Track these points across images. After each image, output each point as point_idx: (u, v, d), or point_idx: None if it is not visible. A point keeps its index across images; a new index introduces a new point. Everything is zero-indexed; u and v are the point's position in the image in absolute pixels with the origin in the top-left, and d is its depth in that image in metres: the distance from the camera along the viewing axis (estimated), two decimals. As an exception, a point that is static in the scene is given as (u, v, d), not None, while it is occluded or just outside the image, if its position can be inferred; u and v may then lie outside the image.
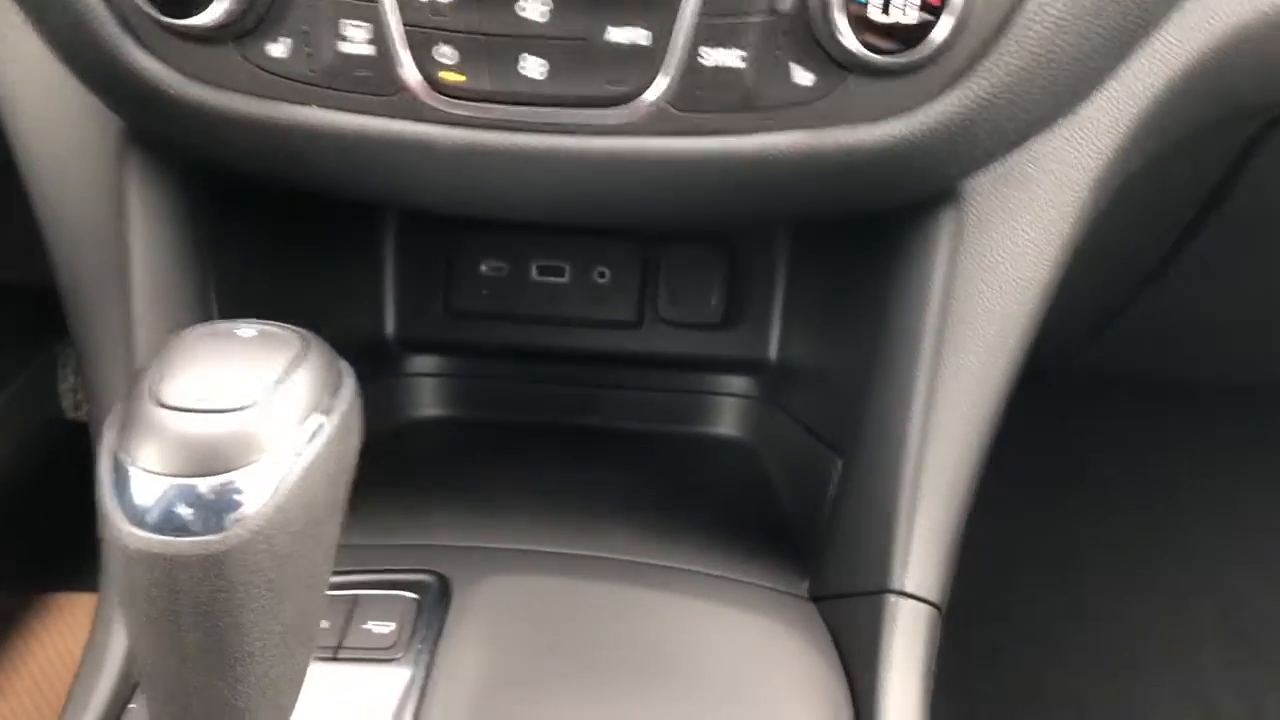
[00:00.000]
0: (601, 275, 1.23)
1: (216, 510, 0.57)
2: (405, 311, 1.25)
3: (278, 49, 0.76)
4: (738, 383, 1.24)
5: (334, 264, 1.20)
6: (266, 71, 0.77)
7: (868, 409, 0.90)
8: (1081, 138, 0.82)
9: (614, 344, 1.24)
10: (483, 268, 1.24)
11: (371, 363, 1.24)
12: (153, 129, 0.86)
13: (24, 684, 1.73)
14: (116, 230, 0.89)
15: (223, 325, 0.65)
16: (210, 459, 0.57)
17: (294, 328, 0.66)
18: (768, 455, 1.20)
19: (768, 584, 0.95)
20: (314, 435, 0.59)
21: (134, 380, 0.61)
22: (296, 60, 0.76)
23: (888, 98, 0.75)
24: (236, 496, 0.57)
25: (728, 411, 1.25)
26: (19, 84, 0.89)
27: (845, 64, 0.73)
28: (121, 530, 0.57)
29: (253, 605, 0.58)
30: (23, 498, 1.83)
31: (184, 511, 0.57)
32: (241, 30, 0.75)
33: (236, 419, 0.58)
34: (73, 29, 0.79)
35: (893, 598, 0.85)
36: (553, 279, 1.24)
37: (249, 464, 0.57)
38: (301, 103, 0.77)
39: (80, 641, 1.82)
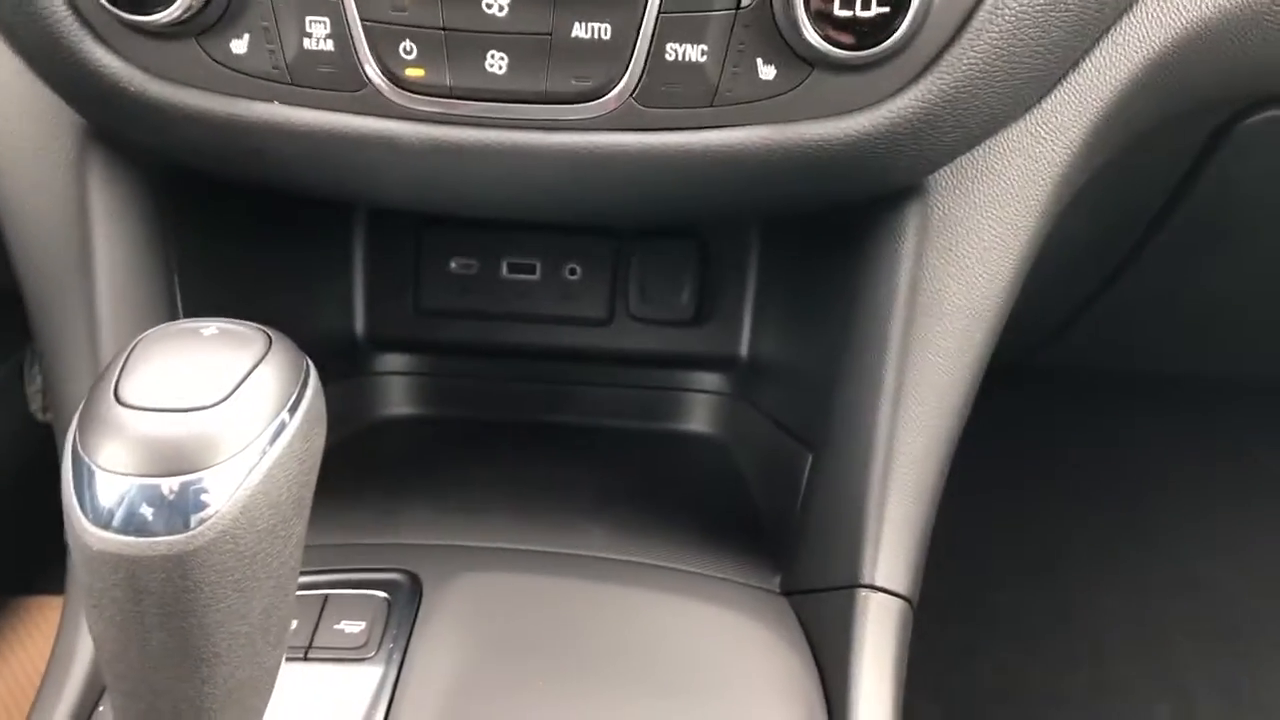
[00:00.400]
0: (572, 272, 1.23)
1: (180, 510, 0.56)
2: (375, 309, 1.25)
3: (239, 45, 0.76)
4: (709, 379, 1.25)
5: (302, 262, 1.19)
6: (228, 68, 0.76)
7: (836, 403, 0.90)
8: (1045, 132, 0.82)
9: (585, 341, 1.24)
10: (452, 265, 1.24)
11: (341, 361, 1.23)
12: (113, 127, 0.85)
13: (3, 688, 1.72)
14: (79, 229, 0.88)
15: (186, 324, 0.64)
16: (173, 458, 0.56)
17: (257, 325, 0.66)
18: (740, 451, 1.20)
19: (740, 579, 0.95)
20: (278, 433, 0.59)
21: (97, 379, 0.60)
22: (258, 56, 0.76)
23: (851, 92, 0.75)
24: (201, 496, 0.56)
25: (699, 408, 1.25)
26: None
27: (808, 58, 0.73)
28: (85, 530, 0.56)
29: (218, 606, 0.58)
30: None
31: (147, 511, 0.56)
32: (202, 26, 0.75)
33: (199, 418, 0.57)
34: (29, 25, 0.78)
35: (863, 592, 0.85)
36: (523, 276, 1.23)
37: (213, 464, 0.57)
38: (264, 99, 0.77)
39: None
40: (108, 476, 0.57)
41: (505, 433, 1.24)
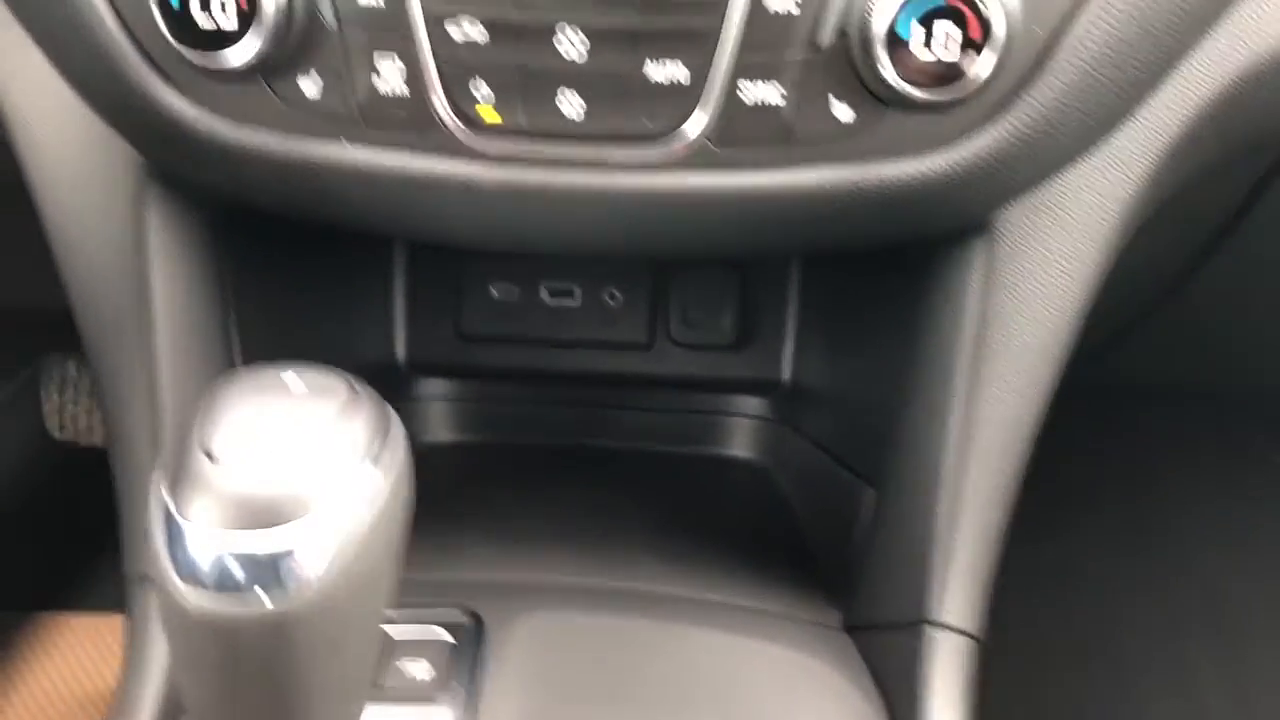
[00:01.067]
0: (612, 297, 1.22)
1: (276, 570, 0.56)
2: (416, 336, 1.24)
3: (310, 85, 0.75)
4: (750, 403, 1.24)
5: (344, 290, 1.19)
6: (298, 108, 0.76)
7: (901, 439, 0.90)
8: (1113, 167, 0.81)
9: (626, 365, 1.24)
10: (493, 291, 1.23)
11: (382, 387, 1.22)
12: (176, 167, 0.85)
13: (21, 708, 1.71)
14: (136, 265, 0.88)
15: (268, 372, 0.64)
16: (266, 514, 0.56)
17: (338, 372, 0.66)
18: (783, 476, 1.19)
19: (801, 615, 0.94)
20: (369, 486, 0.59)
21: (182, 430, 0.60)
22: (329, 96, 0.75)
23: (928, 132, 0.74)
24: (296, 555, 0.56)
25: (740, 432, 1.25)
26: (28, 106, 0.87)
27: (885, 99, 0.72)
28: (176, 589, 0.56)
29: (314, 663, 0.58)
30: (8, 517, 1.81)
31: (242, 571, 0.56)
32: (273, 66, 0.74)
33: (290, 473, 0.57)
34: (93, 64, 0.78)
35: (932, 629, 0.85)
36: (564, 301, 1.23)
37: (305, 518, 0.56)
38: (334, 139, 0.76)
39: (73, 664, 1.80)
40: (201, 533, 0.56)
41: (548, 458, 1.23)
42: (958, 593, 0.85)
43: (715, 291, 1.22)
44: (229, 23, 0.72)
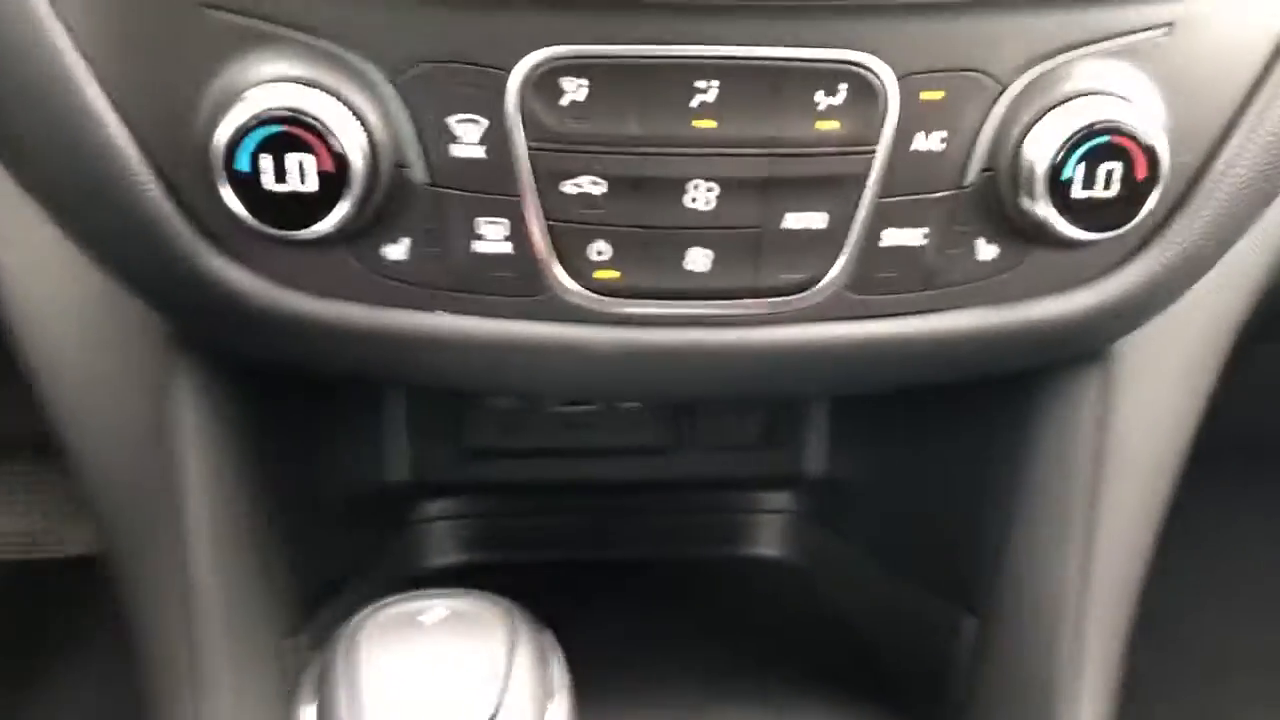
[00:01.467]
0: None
1: None
2: (419, 455, 1.15)
3: (395, 250, 0.66)
4: (779, 499, 1.18)
5: (339, 416, 1.08)
6: (383, 276, 0.66)
7: (1011, 567, 0.85)
8: (1229, 280, 0.78)
9: (647, 470, 1.16)
10: (499, 402, 1.15)
11: (384, 513, 1.13)
12: (223, 340, 0.74)
13: None
14: (160, 445, 0.77)
15: (403, 612, 0.57)
16: None
17: (488, 597, 0.58)
18: (826, 582, 1.14)
19: None
20: None
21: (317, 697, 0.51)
22: (419, 262, 0.66)
23: (1072, 268, 0.70)
24: None
25: (771, 530, 1.19)
26: (20, 267, 0.75)
27: (1035, 238, 0.67)
28: None
29: None
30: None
31: None
32: (356, 231, 0.64)
33: None
34: (128, 236, 0.67)
35: None
36: (577, 407, 1.15)
37: None
38: (424, 309, 0.67)
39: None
40: None
41: (568, 576, 1.15)
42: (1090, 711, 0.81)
43: None
44: (309, 186, 0.62)
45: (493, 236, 0.65)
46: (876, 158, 0.64)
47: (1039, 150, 0.64)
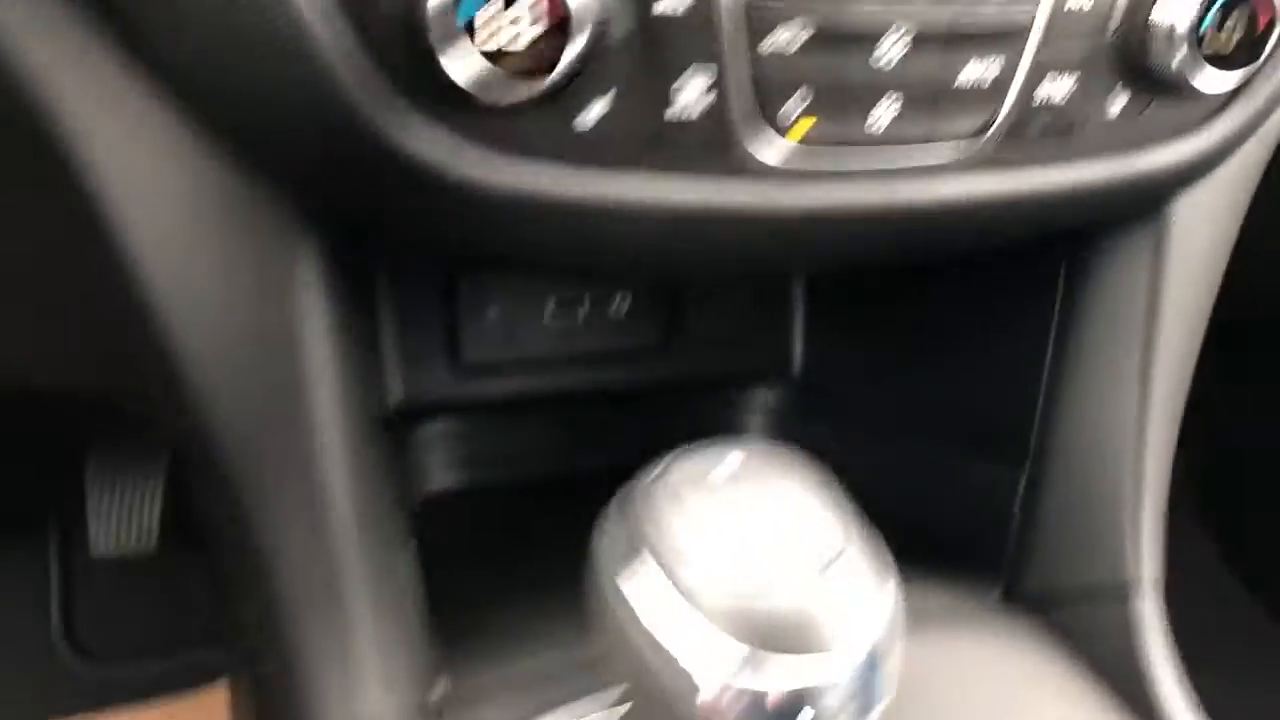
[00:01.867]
0: (623, 298, 1.14)
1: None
2: (410, 373, 1.10)
3: (596, 109, 0.64)
4: (770, 395, 1.21)
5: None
6: (582, 137, 0.64)
7: (1064, 419, 0.90)
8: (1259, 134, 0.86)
9: (640, 372, 1.16)
10: (491, 312, 1.11)
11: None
12: (381, 218, 0.69)
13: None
14: (284, 336, 0.71)
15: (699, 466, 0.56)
16: None
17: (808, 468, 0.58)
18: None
19: (964, 598, 0.94)
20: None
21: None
22: (619, 119, 0.64)
23: (1180, 119, 0.76)
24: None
25: (761, 421, 1.22)
26: (113, 148, 0.67)
27: (1171, 87, 0.73)
28: None
29: None
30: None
31: None
32: (558, 93, 0.62)
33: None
34: (317, 104, 0.61)
35: (1142, 590, 0.88)
36: (568, 314, 1.13)
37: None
38: (628, 170, 0.65)
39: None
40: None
41: (570, 491, 1.13)
42: (1152, 550, 0.89)
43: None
44: (524, 44, 0.59)
45: (694, 88, 0.64)
46: (1040, 9, 0.68)
47: (1180, 2, 0.70)
